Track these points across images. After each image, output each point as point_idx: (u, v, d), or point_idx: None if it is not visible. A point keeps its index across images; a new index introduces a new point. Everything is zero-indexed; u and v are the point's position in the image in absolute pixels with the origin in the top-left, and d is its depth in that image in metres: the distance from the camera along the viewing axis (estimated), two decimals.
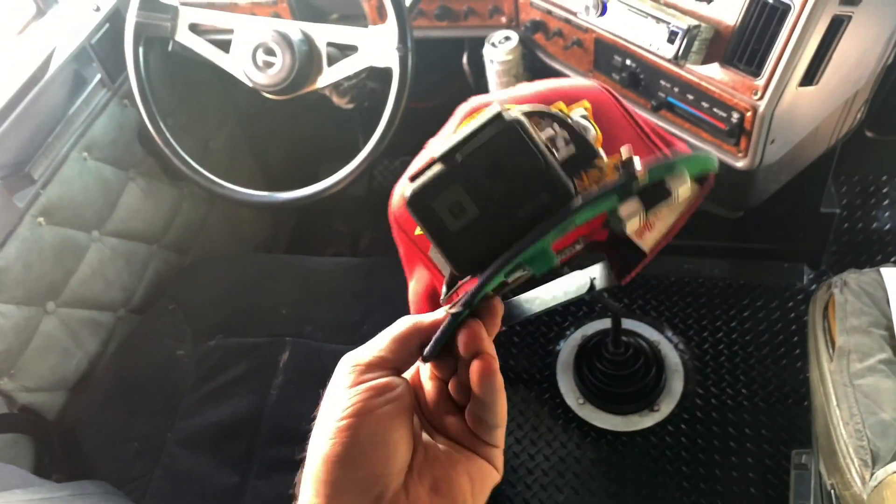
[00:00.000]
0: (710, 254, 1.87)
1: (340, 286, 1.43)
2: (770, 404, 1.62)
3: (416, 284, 0.75)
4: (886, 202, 1.90)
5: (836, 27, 1.07)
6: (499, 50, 1.42)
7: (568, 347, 1.77)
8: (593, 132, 0.50)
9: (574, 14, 1.31)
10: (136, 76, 1.33)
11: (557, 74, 1.43)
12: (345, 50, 1.31)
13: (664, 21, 1.12)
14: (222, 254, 1.83)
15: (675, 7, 1.16)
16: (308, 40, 1.30)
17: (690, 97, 1.19)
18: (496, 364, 0.43)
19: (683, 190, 0.41)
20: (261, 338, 1.36)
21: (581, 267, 0.60)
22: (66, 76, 1.40)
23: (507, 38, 1.43)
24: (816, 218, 1.73)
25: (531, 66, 1.49)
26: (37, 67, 1.32)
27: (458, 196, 0.40)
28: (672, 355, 1.72)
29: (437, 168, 0.40)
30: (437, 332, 0.43)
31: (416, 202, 0.40)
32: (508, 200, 0.40)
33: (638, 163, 0.40)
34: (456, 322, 0.42)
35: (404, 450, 0.42)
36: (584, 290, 0.58)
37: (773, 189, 1.30)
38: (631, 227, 0.42)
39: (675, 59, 1.13)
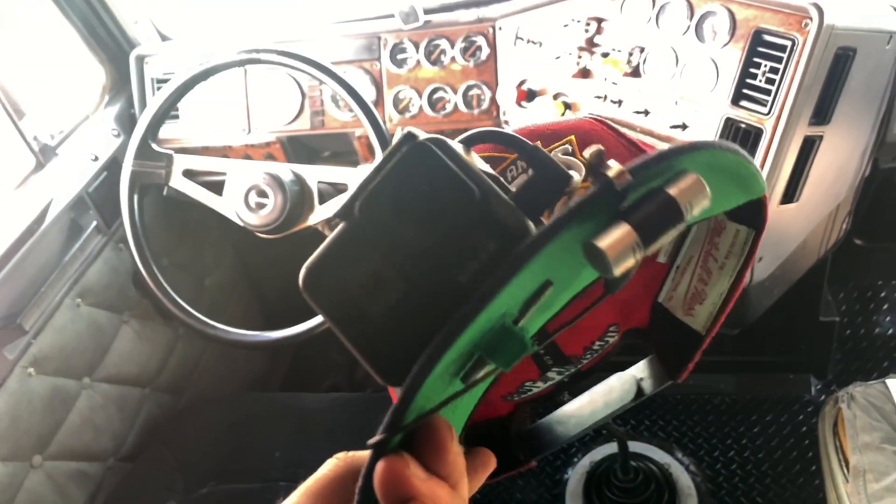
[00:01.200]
0: (714, 368, 1.84)
1: (337, 424, 1.39)
2: None
3: None
4: (885, 307, 1.89)
5: (810, 146, 1.10)
6: None
7: (576, 475, 1.70)
8: (582, 169, 0.41)
9: None
10: (130, 222, 1.35)
11: None
12: (337, 187, 1.34)
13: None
14: (216, 394, 1.80)
15: (651, 134, 1.20)
16: (299, 180, 1.33)
17: None
18: None
19: (701, 207, 0.27)
20: (254, 483, 1.30)
21: (622, 367, 0.47)
22: (63, 225, 1.43)
23: None
24: (817, 327, 1.72)
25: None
26: (33, 219, 1.35)
27: (371, 264, 0.28)
28: (684, 478, 1.65)
29: (337, 229, 0.29)
30: (360, 477, 0.30)
31: (312, 282, 0.28)
32: (442, 259, 0.27)
33: (614, 163, 0.27)
34: (377, 457, 0.29)
35: None
36: (631, 396, 0.44)
37: (767, 304, 1.30)
38: (622, 265, 0.26)
39: None
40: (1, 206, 1.36)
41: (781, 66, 1.07)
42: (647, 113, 1.20)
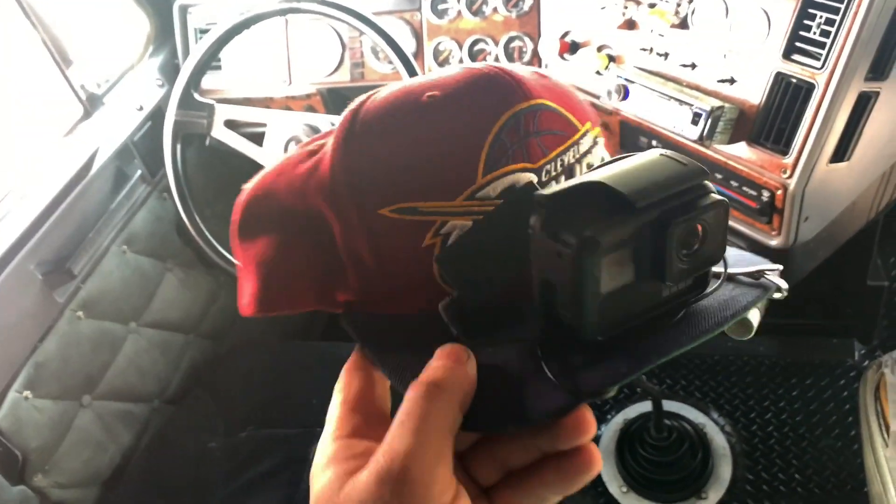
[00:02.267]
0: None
1: None
2: (826, 491, 1.52)
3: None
4: None
5: (864, 103, 1.05)
6: None
7: (609, 432, 1.70)
8: None
9: (597, 97, 1.32)
10: (173, 171, 1.37)
11: None
12: None
13: (687, 103, 1.12)
14: (258, 341, 1.84)
15: (697, 88, 1.16)
16: None
17: (719, 176, 1.18)
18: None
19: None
20: (292, 429, 1.34)
21: None
22: (109, 173, 1.46)
23: None
24: (864, 291, 1.67)
25: None
26: (81, 166, 1.38)
27: (625, 255, 0.34)
28: (719, 439, 1.64)
29: (617, 215, 0.33)
30: (551, 405, 0.34)
31: (592, 247, 0.32)
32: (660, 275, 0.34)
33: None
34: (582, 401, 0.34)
35: None
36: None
37: (811, 266, 1.27)
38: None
39: (700, 141, 1.12)
40: (50, 153, 1.40)
41: (838, 18, 1.02)
42: (693, 66, 1.17)
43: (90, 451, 1.35)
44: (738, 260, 0.40)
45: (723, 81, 1.13)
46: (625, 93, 1.21)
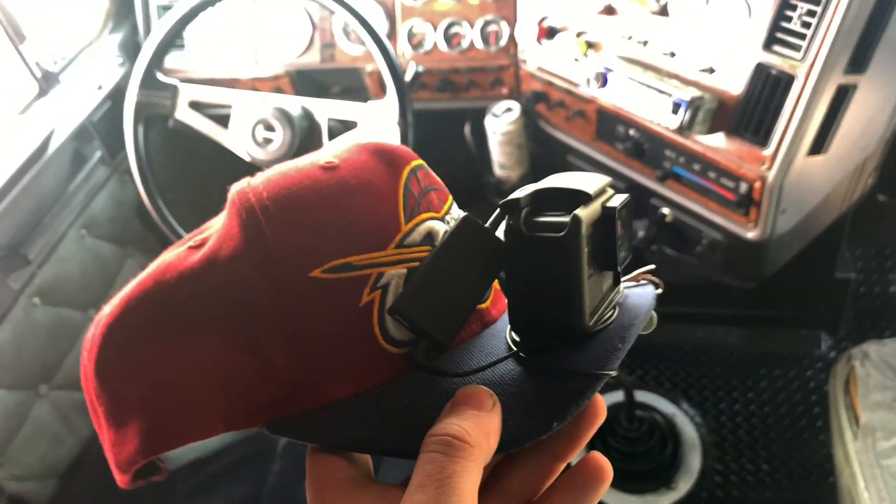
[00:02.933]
0: (724, 321, 1.82)
1: None
2: (794, 481, 1.54)
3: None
4: None
5: (843, 96, 1.05)
6: (500, 120, 1.41)
7: None
8: None
9: (576, 86, 1.30)
10: (135, 154, 1.32)
11: (560, 143, 1.41)
12: (346, 124, 1.30)
13: (666, 93, 1.11)
14: None
15: (677, 77, 1.14)
16: (308, 116, 1.29)
17: (697, 167, 1.17)
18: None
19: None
20: None
21: None
22: (67, 154, 1.40)
23: (509, 110, 1.42)
24: (831, 284, 1.69)
25: (534, 134, 1.48)
26: (36, 147, 1.31)
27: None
28: (688, 429, 1.65)
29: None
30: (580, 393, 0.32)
31: (578, 225, 0.35)
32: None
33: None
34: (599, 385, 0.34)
35: None
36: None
37: (785, 258, 1.27)
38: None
39: (680, 131, 1.11)
40: (3, 132, 1.33)
41: (819, 9, 1.01)
42: (673, 55, 1.15)
43: (47, 442, 1.29)
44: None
45: (703, 71, 1.11)
46: (604, 81, 1.19)
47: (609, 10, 1.23)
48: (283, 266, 0.36)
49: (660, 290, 0.42)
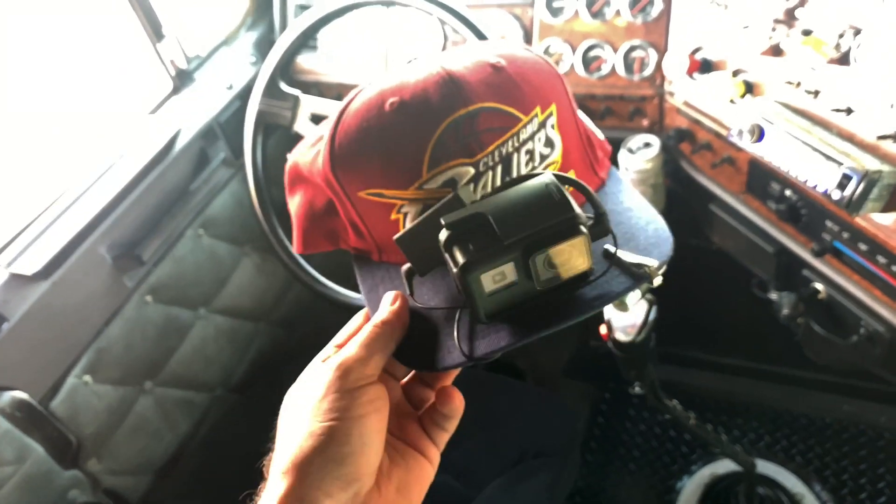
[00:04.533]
0: (877, 398, 1.58)
1: None
2: None
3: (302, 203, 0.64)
4: None
5: None
6: (637, 157, 1.27)
7: (692, 486, 1.55)
8: (559, 147, 0.54)
9: (728, 130, 1.13)
10: (251, 162, 1.30)
11: (702, 189, 1.25)
12: None
13: (835, 160, 0.93)
14: (330, 334, 1.79)
15: (852, 139, 0.95)
16: None
17: (863, 247, 0.98)
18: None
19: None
20: None
21: None
22: (191, 154, 1.41)
23: (648, 145, 1.27)
24: None
25: (673, 174, 1.32)
26: (163, 146, 1.33)
27: (507, 266, 0.45)
28: None
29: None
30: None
31: (468, 271, 0.45)
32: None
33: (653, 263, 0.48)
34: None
35: (380, 452, 0.48)
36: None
37: None
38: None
39: (848, 207, 0.93)
40: (135, 130, 1.36)
41: None
42: (849, 112, 0.96)
43: (146, 438, 1.33)
44: (642, 242, 0.51)
45: (885, 137, 0.92)
46: (760, 135, 1.02)
47: (776, 51, 1.05)
48: (342, 183, 0.54)
49: (656, 283, 0.51)
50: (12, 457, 1.10)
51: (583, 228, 0.44)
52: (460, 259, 0.44)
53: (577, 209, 0.44)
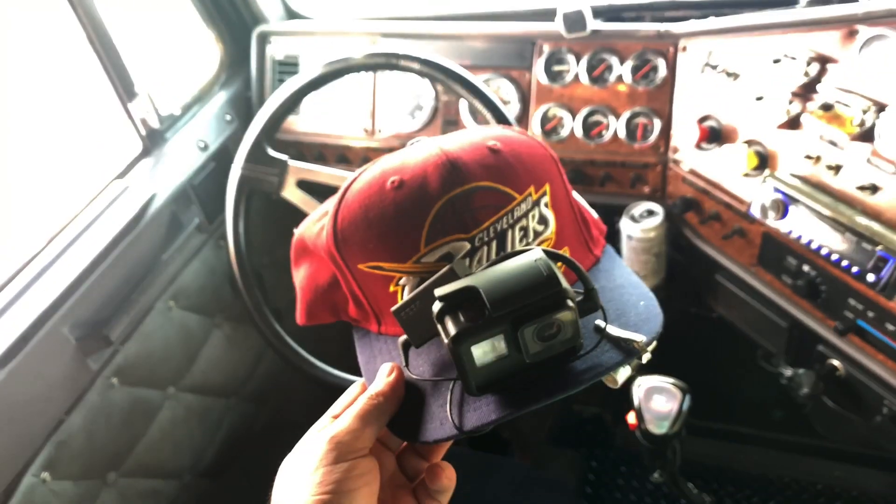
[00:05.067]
0: (867, 463, 1.57)
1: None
2: None
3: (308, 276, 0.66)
4: None
5: None
6: (640, 225, 1.23)
7: None
8: (552, 224, 0.55)
9: (739, 201, 1.11)
10: (233, 229, 1.20)
11: (708, 260, 1.22)
12: None
13: (869, 240, 0.90)
14: (303, 407, 1.67)
15: (879, 218, 0.93)
16: None
17: (891, 328, 0.95)
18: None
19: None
20: None
21: None
22: (164, 220, 1.30)
23: (651, 213, 1.24)
24: None
25: (675, 242, 1.29)
26: (134, 214, 1.22)
27: (497, 338, 0.46)
28: None
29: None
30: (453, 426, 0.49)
31: (459, 342, 0.46)
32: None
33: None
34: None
35: None
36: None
37: None
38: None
39: (881, 291, 0.90)
40: (103, 196, 1.24)
41: None
42: (874, 190, 0.94)
43: None
44: (633, 318, 0.52)
45: None
46: (784, 212, 0.99)
47: (792, 124, 1.03)
48: (344, 257, 0.56)
49: (645, 359, 0.49)
50: None
51: (570, 303, 0.45)
52: (451, 330, 0.45)
53: (565, 283, 0.45)
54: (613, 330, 0.49)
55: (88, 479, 1.16)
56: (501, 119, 1.09)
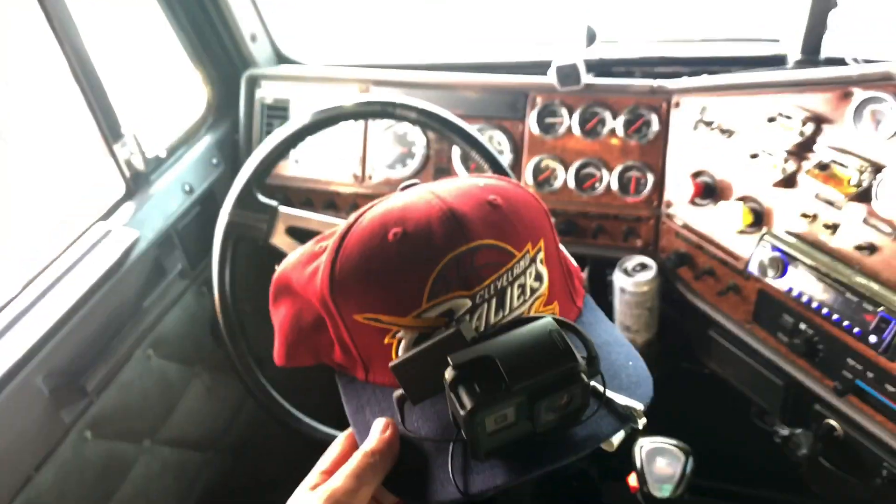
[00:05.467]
0: None
1: None
2: None
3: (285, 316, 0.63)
4: None
5: None
6: (633, 279, 1.22)
7: None
8: (546, 280, 0.56)
9: (733, 257, 1.10)
10: (218, 277, 1.16)
11: (702, 315, 1.21)
12: None
13: (871, 301, 0.90)
14: (282, 460, 1.62)
15: (877, 278, 0.93)
16: None
17: (891, 389, 0.94)
18: None
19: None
20: None
21: None
22: (146, 265, 1.26)
23: (643, 266, 1.23)
24: None
25: (667, 296, 1.28)
26: (117, 258, 1.18)
27: (509, 409, 0.46)
28: None
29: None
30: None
31: (474, 415, 0.45)
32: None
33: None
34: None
35: None
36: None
37: None
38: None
39: (884, 353, 0.89)
40: (84, 239, 1.20)
41: None
42: (872, 250, 0.94)
43: None
44: (624, 380, 0.53)
45: None
46: (783, 270, 0.99)
47: (788, 182, 1.04)
48: (338, 305, 0.54)
49: (641, 424, 0.50)
50: None
51: (584, 377, 0.46)
52: (468, 402, 0.45)
53: (579, 357, 0.46)
54: (611, 394, 0.50)
55: None
56: (498, 170, 1.08)
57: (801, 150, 1.03)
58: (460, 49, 1.46)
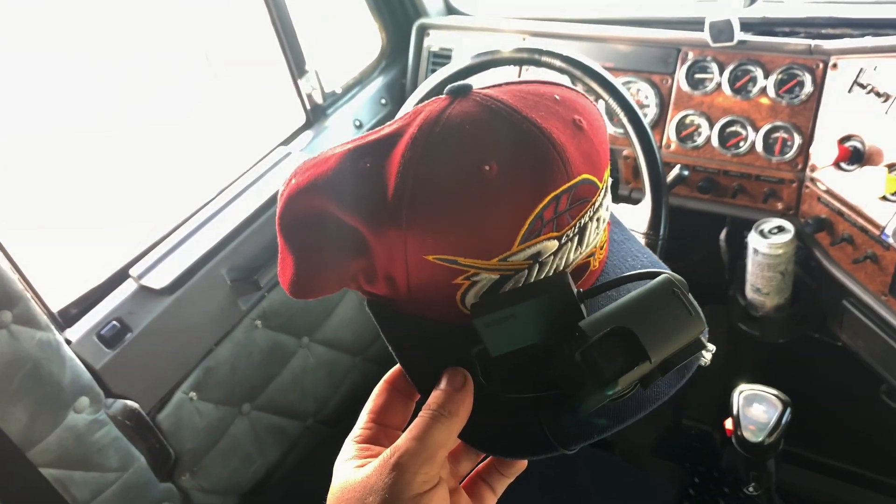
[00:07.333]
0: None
1: None
2: None
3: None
4: None
5: None
6: (768, 241, 1.21)
7: None
8: (609, 207, 0.51)
9: (874, 225, 1.07)
10: None
11: (837, 284, 1.19)
12: None
13: None
14: None
15: None
16: None
17: None
18: None
19: None
20: None
21: None
22: None
23: (781, 229, 1.22)
24: None
25: (804, 263, 1.26)
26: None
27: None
28: None
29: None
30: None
31: (606, 387, 0.43)
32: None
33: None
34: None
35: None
36: None
37: None
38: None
39: None
40: (267, 159, 1.41)
41: None
42: None
43: (237, 460, 1.35)
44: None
45: None
46: None
47: None
48: (407, 242, 0.44)
49: (705, 361, 0.47)
50: (117, 464, 1.13)
51: (706, 342, 0.45)
52: (607, 374, 0.42)
53: (703, 319, 0.44)
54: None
55: (227, 405, 1.32)
56: (636, 122, 1.12)
57: None
58: (617, 4, 1.48)
